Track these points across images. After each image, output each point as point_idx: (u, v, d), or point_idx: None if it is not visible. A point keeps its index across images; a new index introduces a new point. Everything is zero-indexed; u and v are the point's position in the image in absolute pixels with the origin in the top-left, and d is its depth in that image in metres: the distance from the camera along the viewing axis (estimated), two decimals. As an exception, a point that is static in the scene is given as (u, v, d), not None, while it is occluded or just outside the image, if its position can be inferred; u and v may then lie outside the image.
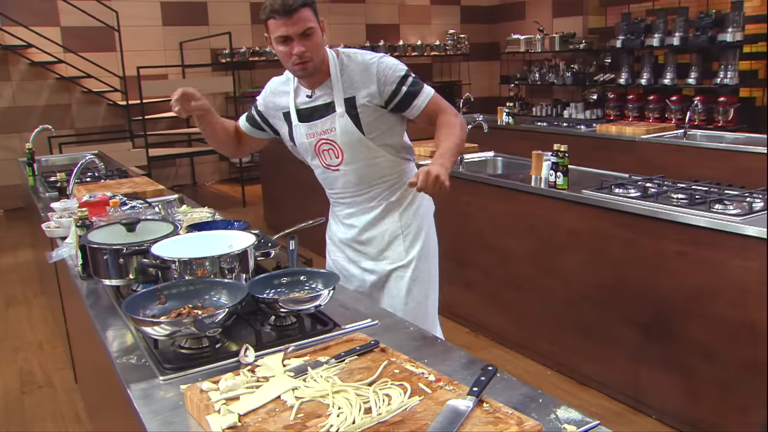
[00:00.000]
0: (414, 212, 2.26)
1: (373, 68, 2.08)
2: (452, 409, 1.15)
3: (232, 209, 7.41)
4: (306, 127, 2.18)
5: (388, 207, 2.24)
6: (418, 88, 2.11)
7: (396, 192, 2.24)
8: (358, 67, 2.10)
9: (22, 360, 3.91)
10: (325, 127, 2.13)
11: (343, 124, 2.10)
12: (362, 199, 2.24)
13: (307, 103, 2.17)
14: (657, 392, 2.96)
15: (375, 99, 2.08)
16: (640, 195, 3.07)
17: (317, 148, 2.19)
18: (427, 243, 2.30)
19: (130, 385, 1.42)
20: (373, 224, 2.25)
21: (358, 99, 2.08)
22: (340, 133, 2.11)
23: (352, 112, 2.09)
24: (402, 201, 2.25)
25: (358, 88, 2.08)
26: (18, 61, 7.91)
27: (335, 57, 2.12)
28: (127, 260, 1.88)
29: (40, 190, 4.03)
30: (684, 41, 7.52)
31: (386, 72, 2.08)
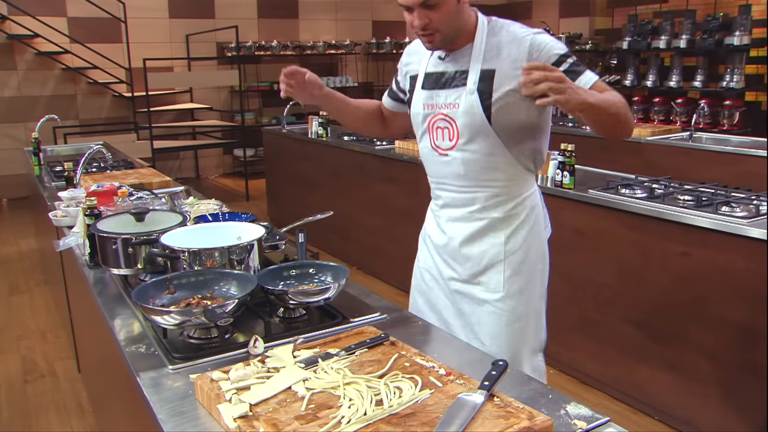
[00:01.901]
0: (522, 240, 1.87)
1: (526, 41, 1.74)
2: (463, 403, 1.15)
3: (235, 203, 7.41)
4: (426, 95, 1.87)
5: (493, 223, 1.86)
6: (578, 69, 1.73)
7: (504, 206, 1.85)
8: (508, 37, 1.77)
9: (24, 349, 3.92)
10: (449, 100, 1.81)
11: (469, 101, 1.76)
12: (464, 199, 1.88)
13: (437, 67, 1.86)
14: (659, 393, 2.97)
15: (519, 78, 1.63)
16: (646, 196, 3.07)
17: (431, 123, 1.86)
18: (533, 276, 1.91)
19: (140, 373, 1.42)
20: (472, 239, 1.88)
21: (498, 75, 1.74)
22: (463, 112, 1.78)
23: (485, 90, 1.74)
24: (510, 221, 1.86)
25: (503, 60, 1.75)
26: (24, 51, 7.91)
27: (485, 23, 1.82)
28: (136, 250, 1.88)
29: (45, 179, 4.03)
30: (691, 44, 7.51)
31: (541, 47, 1.73)
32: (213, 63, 9.23)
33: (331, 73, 10.04)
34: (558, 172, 3.34)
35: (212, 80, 9.08)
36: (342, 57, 10.12)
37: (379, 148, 4.85)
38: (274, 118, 9.28)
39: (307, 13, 9.75)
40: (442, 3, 1.70)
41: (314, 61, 9.81)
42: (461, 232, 1.89)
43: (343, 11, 9.98)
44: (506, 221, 1.85)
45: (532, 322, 1.93)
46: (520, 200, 1.86)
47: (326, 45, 9.64)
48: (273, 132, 6.59)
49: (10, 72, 7.93)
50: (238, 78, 7.98)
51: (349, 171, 5.16)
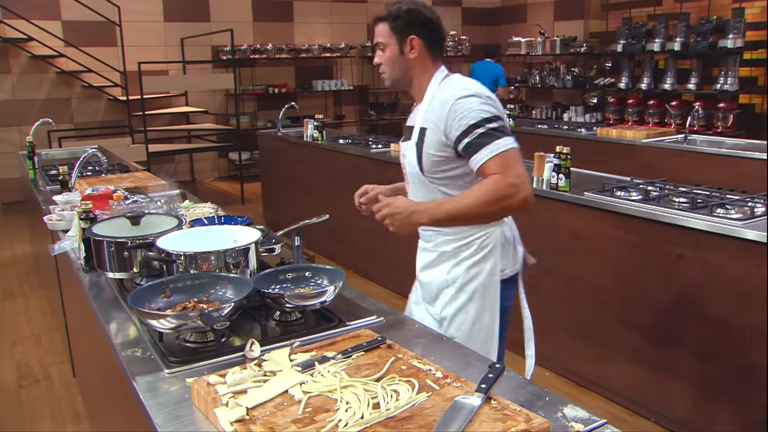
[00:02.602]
0: (467, 268, 1.99)
1: (448, 104, 1.84)
2: (461, 406, 1.15)
3: (231, 206, 7.40)
4: (401, 146, 2.11)
5: (441, 257, 2.01)
6: (485, 140, 1.78)
7: (453, 243, 1.98)
8: (441, 98, 1.89)
9: (19, 353, 3.90)
10: (404, 151, 2.05)
11: (411, 154, 1.97)
12: (425, 235, 2.06)
13: (409, 120, 2.09)
14: (656, 395, 2.97)
15: (442, 138, 1.86)
16: (641, 198, 3.08)
17: (403, 170, 2.10)
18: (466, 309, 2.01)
19: (136, 377, 1.42)
20: (426, 268, 2.07)
21: (428, 132, 1.90)
22: (408, 162, 2.01)
23: (419, 146, 1.93)
24: (457, 255, 1.99)
25: (432, 120, 1.89)
26: (18, 54, 7.89)
27: (439, 80, 1.97)
28: (132, 253, 1.88)
29: (40, 183, 4.02)
30: (685, 47, 7.55)
31: (457, 113, 1.82)
32: (208, 66, 9.22)
33: (326, 76, 10.04)
34: (553, 175, 3.35)
35: (207, 84, 9.07)
36: (337, 60, 10.12)
37: (374, 151, 4.86)
38: (269, 121, 9.27)
39: (302, 17, 9.76)
40: (385, 48, 1.98)
41: (309, 65, 9.81)
42: (421, 261, 2.11)
43: (337, 14, 9.98)
44: (454, 254, 2.00)
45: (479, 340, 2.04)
46: (471, 240, 1.97)
47: (321, 48, 9.64)
48: (268, 135, 6.59)
49: (5, 75, 7.90)
50: (234, 81, 7.97)
51: (344, 174, 5.16)
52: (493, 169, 1.76)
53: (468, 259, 1.98)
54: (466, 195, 1.80)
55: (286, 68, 9.76)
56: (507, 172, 1.75)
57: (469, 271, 1.98)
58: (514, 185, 1.74)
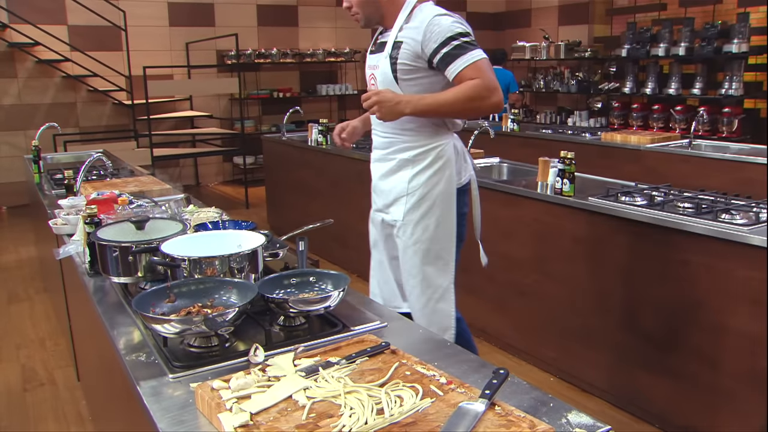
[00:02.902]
0: (425, 179, 2.24)
1: (426, 20, 2.13)
2: (464, 412, 1.15)
3: (235, 211, 7.41)
4: (368, 58, 2.39)
5: (401, 163, 2.27)
6: (460, 51, 2.09)
7: (412, 150, 2.25)
8: (419, 17, 2.18)
9: (24, 357, 3.91)
10: (376, 62, 2.30)
11: (384, 64, 2.24)
12: (382, 143, 2.32)
13: (377, 39, 2.39)
14: (660, 401, 2.96)
15: (417, 51, 2.14)
16: (646, 203, 3.07)
17: (369, 80, 2.39)
18: (431, 213, 2.27)
19: (140, 382, 1.42)
20: (385, 176, 2.33)
21: (402, 46, 2.18)
22: (380, 72, 2.26)
23: (394, 56, 2.20)
24: (416, 162, 2.24)
25: (408, 36, 2.17)
26: (25, 59, 7.93)
27: (409, 7, 2.23)
28: (136, 258, 1.88)
29: (45, 187, 4.03)
30: (689, 51, 7.54)
31: (434, 29, 2.11)
32: (213, 71, 9.24)
33: (330, 80, 10.06)
34: (558, 180, 3.35)
35: (212, 88, 9.10)
36: (341, 65, 10.14)
37: (378, 155, 4.85)
38: (273, 125, 9.29)
39: (307, 21, 9.78)
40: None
41: (314, 69, 9.83)
42: (378, 171, 2.36)
43: (342, 19, 10.00)
44: (413, 162, 2.25)
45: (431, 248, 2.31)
46: (428, 148, 2.23)
47: (326, 53, 9.66)
48: (273, 140, 6.60)
49: (11, 80, 7.94)
50: (238, 86, 7.99)
51: (349, 179, 5.17)
52: (471, 75, 2.06)
53: (428, 168, 2.23)
54: (448, 92, 2.09)
55: (291, 73, 9.78)
56: (483, 77, 2.07)
57: (430, 180, 2.24)
58: (489, 89, 2.07)
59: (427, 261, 2.32)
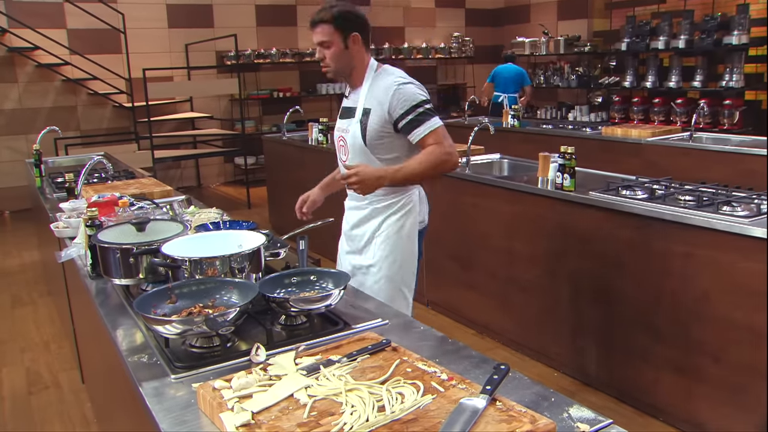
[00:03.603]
0: (393, 222, 2.48)
1: (392, 89, 2.33)
2: (465, 408, 1.15)
3: (237, 211, 7.41)
4: (338, 122, 2.56)
5: (374, 212, 2.49)
6: (424, 118, 2.32)
7: (385, 201, 2.47)
8: (383, 84, 2.38)
9: (28, 360, 3.92)
10: (346, 126, 2.48)
11: (354, 129, 2.42)
12: (355, 197, 2.52)
13: (345, 102, 2.57)
14: (664, 395, 2.96)
15: (385, 118, 2.34)
16: (647, 197, 3.07)
17: (337, 142, 2.56)
18: (397, 251, 2.49)
19: (142, 383, 1.42)
20: (359, 224, 2.53)
21: (372, 112, 2.37)
22: (350, 136, 2.44)
23: (363, 122, 2.39)
24: (386, 209, 2.48)
25: (376, 103, 2.36)
26: (25, 63, 7.93)
27: (374, 70, 2.45)
28: (137, 260, 1.88)
29: (47, 190, 4.04)
30: (689, 44, 7.53)
31: (401, 96, 2.32)
32: (212, 72, 9.24)
33: (330, 79, 10.01)
34: (558, 175, 3.34)
35: (212, 89, 9.10)
36: (341, 63, 10.12)
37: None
38: (274, 125, 9.29)
39: (306, 21, 9.59)
40: (331, 45, 2.38)
41: (313, 68, 9.82)
42: (352, 218, 2.56)
43: (341, 18, 9.98)
44: (384, 210, 2.48)
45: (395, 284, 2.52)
46: (398, 198, 2.47)
47: (325, 52, 9.64)
48: (273, 140, 6.60)
49: (11, 84, 7.95)
50: (238, 86, 7.99)
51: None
52: (431, 141, 2.31)
53: (396, 213, 2.47)
54: (414, 162, 2.33)
55: (291, 72, 9.78)
56: (443, 143, 2.32)
57: (397, 222, 2.48)
58: (449, 153, 2.32)
59: (391, 296, 2.50)
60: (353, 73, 2.46)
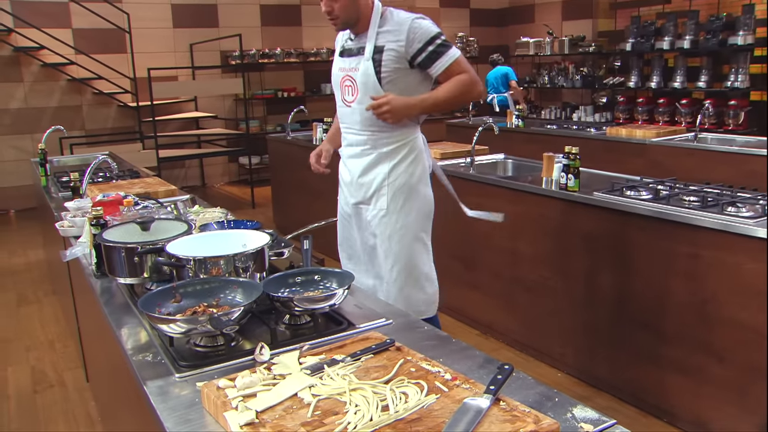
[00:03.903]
0: (404, 170, 2.46)
1: (405, 25, 2.35)
2: (469, 407, 1.15)
3: (241, 211, 7.43)
4: (340, 61, 2.54)
5: (380, 157, 2.47)
6: (443, 49, 2.35)
7: (390, 145, 2.45)
8: (395, 22, 2.39)
9: (33, 359, 3.94)
10: (352, 65, 2.46)
11: (365, 66, 2.40)
12: (360, 140, 2.50)
13: (348, 44, 2.54)
14: (669, 396, 2.95)
15: (401, 53, 2.35)
16: (651, 197, 3.06)
17: (342, 82, 2.52)
18: (412, 200, 2.50)
19: (147, 382, 1.43)
20: (365, 170, 2.51)
21: (386, 49, 2.36)
22: (361, 74, 2.42)
23: (376, 59, 2.38)
24: (394, 155, 2.46)
25: (389, 40, 2.37)
26: (30, 63, 7.97)
27: (379, 11, 2.44)
28: (142, 259, 1.89)
29: (52, 189, 4.05)
30: (694, 44, 7.51)
31: (416, 31, 2.33)
32: (217, 71, 9.26)
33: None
34: (563, 175, 3.34)
35: (216, 89, 9.11)
36: (345, 63, 10.13)
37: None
38: (278, 125, 9.31)
39: (310, 21, 9.79)
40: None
41: (317, 68, 9.84)
42: (357, 166, 2.52)
43: (345, 18, 10.00)
44: (390, 155, 2.45)
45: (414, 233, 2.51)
46: (404, 142, 2.45)
47: (329, 51, 9.66)
48: (278, 139, 6.61)
49: (17, 84, 7.98)
50: (243, 86, 8.01)
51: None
52: (458, 70, 2.35)
53: (405, 159, 2.46)
54: (443, 90, 2.35)
55: (295, 72, 9.80)
56: (469, 71, 2.37)
57: (408, 169, 2.47)
58: (474, 81, 2.37)
59: (411, 246, 2.52)
60: (360, 21, 2.45)
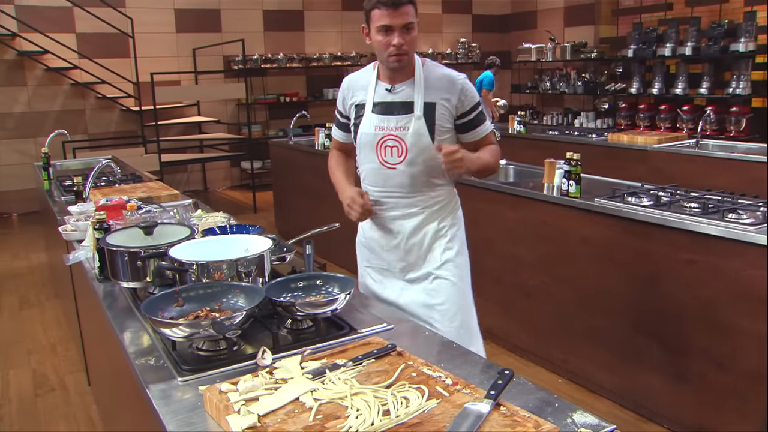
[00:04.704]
0: (451, 222, 2.35)
1: (458, 83, 2.21)
2: (470, 412, 1.16)
3: (243, 215, 7.44)
4: (378, 119, 2.24)
5: (430, 216, 2.31)
6: (483, 117, 2.30)
7: (439, 203, 2.32)
8: (443, 77, 2.22)
9: (35, 362, 3.94)
10: (399, 124, 2.20)
11: (417, 126, 2.19)
12: (408, 202, 2.29)
13: (385, 97, 2.24)
14: (669, 401, 2.95)
15: (452, 112, 2.22)
16: (652, 204, 3.07)
17: (380, 142, 2.24)
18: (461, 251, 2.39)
19: (149, 385, 1.44)
20: (416, 230, 2.30)
21: (438, 107, 2.19)
22: (412, 134, 2.19)
23: (429, 117, 2.19)
24: (443, 212, 2.34)
25: (441, 97, 2.19)
26: (34, 67, 7.99)
27: (420, 61, 2.23)
28: (145, 263, 1.90)
29: (55, 193, 4.07)
30: (696, 51, 7.52)
31: (467, 93, 2.22)
32: (220, 76, 9.29)
33: (336, 84, 10.01)
34: (564, 181, 3.35)
35: (219, 93, 9.14)
36: (347, 69, 10.15)
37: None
38: (280, 130, 9.32)
39: (313, 26, 9.82)
40: (413, 29, 2.12)
41: (320, 73, 9.86)
42: (406, 227, 2.31)
43: (348, 23, 10.03)
44: (439, 212, 2.33)
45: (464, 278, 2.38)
46: (450, 198, 2.37)
47: (332, 57, 9.69)
48: (280, 144, 6.63)
49: (21, 88, 8.01)
50: (245, 91, 8.03)
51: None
52: (492, 140, 2.33)
53: (451, 213, 2.36)
54: (487, 154, 2.28)
55: (297, 77, 9.82)
56: (497, 144, 2.36)
57: (454, 222, 2.37)
58: (500, 154, 2.37)
59: (463, 291, 2.38)
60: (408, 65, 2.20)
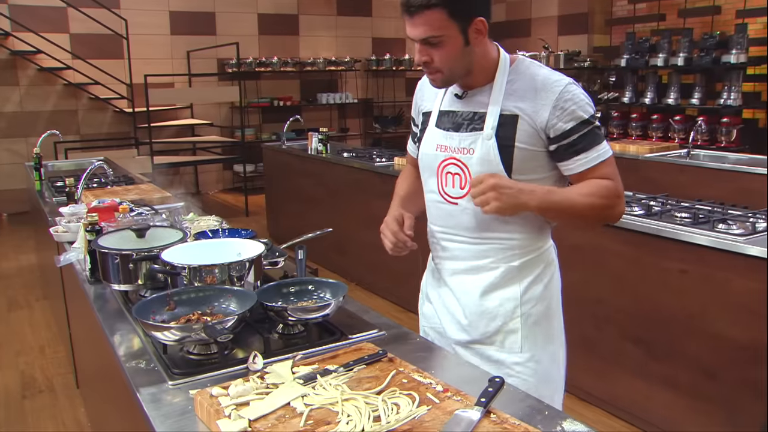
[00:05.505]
0: (541, 292, 1.70)
1: (555, 88, 1.56)
2: (460, 419, 1.16)
3: (235, 219, 7.42)
4: (441, 135, 1.67)
5: (508, 274, 1.66)
6: (595, 139, 1.58)
7: (521, 257, 1.66)
8: (533, 81, 1.59)
9: (23, 364, 3.92)
10: (464, 144, 1.62)
11: (486, 148, 1.58)
12: (474, 251, 1.67)
13: (452, 105, 1.68)
14: (659, 410, 2.97)
15: (538, 130, 1.56)
16: (643, 213, 3.09)
17: (440, 166, 1.67)
18: (553, 339, 1.77)
19: (140, 389, 1.43)
20: (487, 293, 1.68)
21: (521, 122, 1.57)
22: (479, 159, 1.59)
23: (505, 136, 1.57)
24: (526, 272, 1.67)
25: (525, 106, 1.57)
26: (27, 67, 7.97)
27: (507, 61, 1.64)
28: (136, 266, 1.90)
29: (46, 194, 4.05)
30: (688, 62, 7.57)
31: (569, 103, 1.55)
32: (214, 79, 9.29)
33: (330, 89, 10.10)
34: (556, 189, 3.35)
35: (213, 96, 9.14)
36: (342, 73, 10.18)
37: (378, 164, 4.88)
38: (274, 134, 9.32)
39: (308, 30, 9.83)
40: (444, 42, 1.53)
41: (314, 78, 9.88)
42: (473, 287, 1.69)
43: (342, 28, 10.05)
44: (522, 272, 1.67)
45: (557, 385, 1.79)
46: (539, 253, 1.70)
47: (326, 61, 9.71)
48: (273, 148, 6.63)
49: (13, 87, 7.98)
50: (239, 94, 8.03)
51: (348, 187, 5.19)
52: (607, 174, 1.57)
53: (541, 279, 1.71)
54: (575, 191, 1.56)
55: (291, 81, 9.83)
56: (617, 180, 1.58)
57: (545, 293, 1.72)
58: (620, 196, 1.59)
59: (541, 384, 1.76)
60: (472, 73, 1.62)
